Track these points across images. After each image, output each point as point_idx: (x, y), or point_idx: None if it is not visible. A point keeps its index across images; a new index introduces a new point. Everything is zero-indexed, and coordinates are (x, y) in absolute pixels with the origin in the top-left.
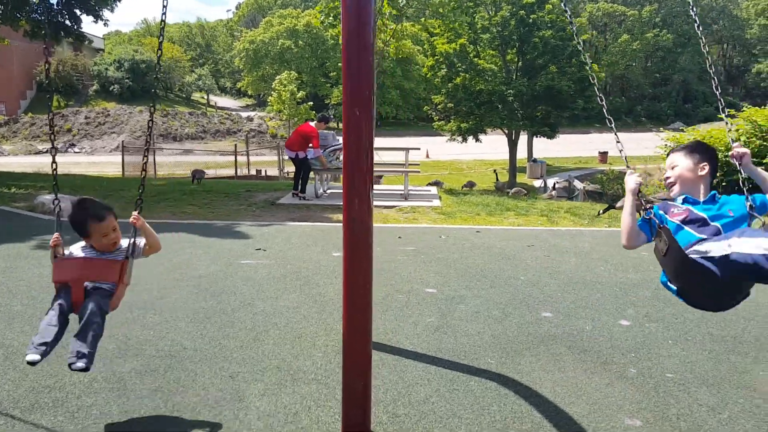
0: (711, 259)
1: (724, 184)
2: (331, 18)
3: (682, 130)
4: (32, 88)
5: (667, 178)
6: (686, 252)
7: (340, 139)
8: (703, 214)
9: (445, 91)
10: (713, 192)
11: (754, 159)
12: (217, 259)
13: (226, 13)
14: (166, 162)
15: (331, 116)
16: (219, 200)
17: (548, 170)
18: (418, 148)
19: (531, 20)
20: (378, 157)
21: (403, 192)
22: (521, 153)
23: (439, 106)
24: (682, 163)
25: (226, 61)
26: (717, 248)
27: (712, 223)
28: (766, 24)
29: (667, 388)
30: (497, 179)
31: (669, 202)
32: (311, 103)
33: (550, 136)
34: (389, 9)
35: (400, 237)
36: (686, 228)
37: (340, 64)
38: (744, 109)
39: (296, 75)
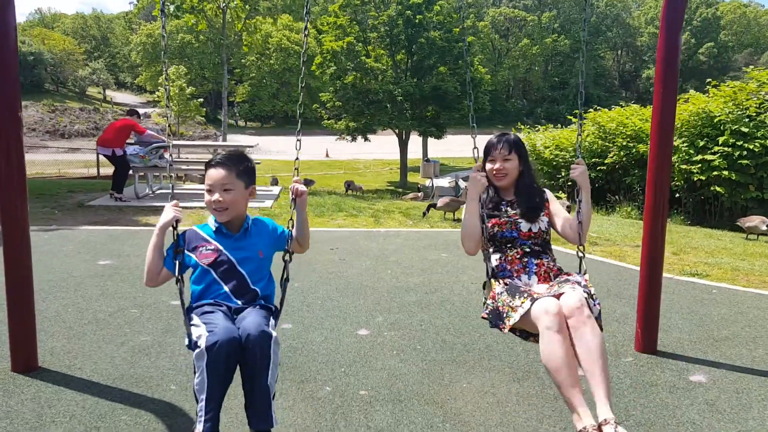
0: None
1: (569, 183)
2: (173, 9)
3: (537, 130)
4: None
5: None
6: None
7: (163, 137)
8: None
9: (333, 89)
10: None
11: (599, 159)
12: None
13: (128, 5)
14: (44, 161)
15: (137, 110)
16: None
17: (442, 170)
18: (252, 146)
19: (418, 21)
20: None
21: None
22: (416, 153)
23: (328, 105)
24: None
25: (124, 55)
26: None
27: None
28: (654, 32)
29: (349, 408)
30: None
31: None
32: (201, 99)
33: (438, 137)
34: (238, 1)
35: None
36: None
37: (243, 60)
38: (592, 110)
39: (185, 70)
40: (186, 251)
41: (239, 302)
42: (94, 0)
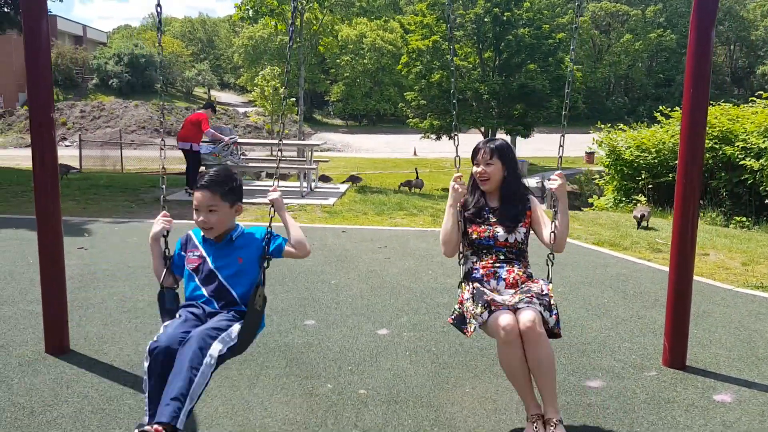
0: None
1: (650, 186)
2: (251, 12)
3: (623, 130)
4: None
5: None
6: None
7: (228, 134)
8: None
9: (417, 88)
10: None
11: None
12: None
13: (232, 9)
14: (150, 157)
15: (215, 104)
16: (109, 195)
17: (531, 170)
18: (319, 144)
19: (506, 18)
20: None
21: (299, 189)
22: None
23: (413, 103)
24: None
25: (227, 56)
26: None
27: None
28: None
29: (343, 406)
30: None
31: None
32: (293, 99)
33: (525, 135)
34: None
35: None
36: None
37: (338, 61)
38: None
39: (279, 70)
40: (181, 252)
41: (218, 306)
42: (202, 4)
